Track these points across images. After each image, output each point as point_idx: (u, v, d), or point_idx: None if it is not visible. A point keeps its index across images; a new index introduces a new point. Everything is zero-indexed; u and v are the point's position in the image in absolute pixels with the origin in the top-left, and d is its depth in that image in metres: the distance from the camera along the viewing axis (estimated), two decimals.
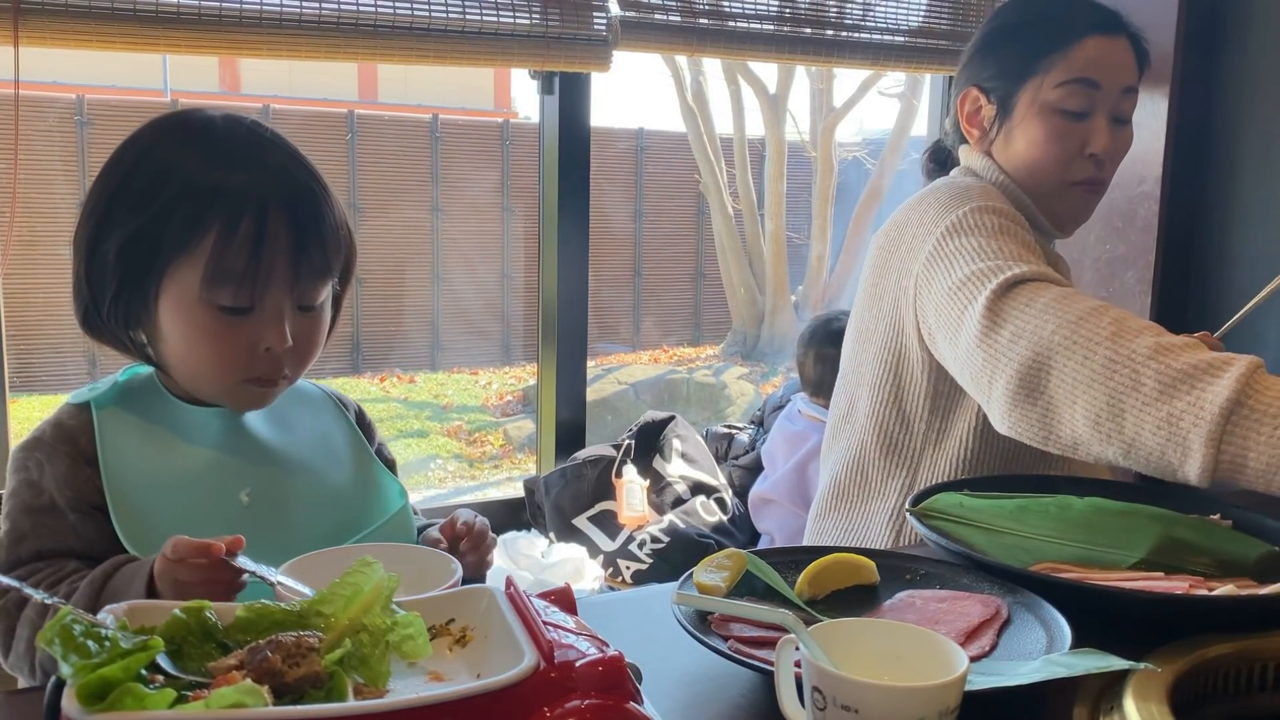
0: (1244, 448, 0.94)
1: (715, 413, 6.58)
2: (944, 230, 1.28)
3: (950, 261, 1.24)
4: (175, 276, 0.97)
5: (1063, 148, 1.41)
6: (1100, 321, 1.05)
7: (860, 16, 2.68)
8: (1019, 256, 1.19)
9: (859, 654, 0.75)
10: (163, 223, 0.96)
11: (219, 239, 0.95)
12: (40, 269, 5.87)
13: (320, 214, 1.01)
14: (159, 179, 0.97)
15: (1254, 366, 0.97)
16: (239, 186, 0.96)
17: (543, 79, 2.45)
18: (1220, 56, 2.58)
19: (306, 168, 1.02)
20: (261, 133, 1.02)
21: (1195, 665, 0.85)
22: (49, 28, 1.86)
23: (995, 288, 1.14)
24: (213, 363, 1.00)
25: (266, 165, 0.99)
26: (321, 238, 1.00)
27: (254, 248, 0.96)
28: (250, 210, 0.95)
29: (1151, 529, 1.09)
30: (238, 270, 0.96)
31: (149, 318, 1.00)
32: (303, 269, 0.99)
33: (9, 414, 2.07)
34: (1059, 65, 1.40)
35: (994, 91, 1.45)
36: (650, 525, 2.64)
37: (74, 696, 0.57)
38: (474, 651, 0.73)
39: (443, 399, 7.09)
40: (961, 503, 1.15)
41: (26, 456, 0.99)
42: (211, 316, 0.98)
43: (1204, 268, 2.65)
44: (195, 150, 0.98)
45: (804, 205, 8.23)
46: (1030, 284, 1.13)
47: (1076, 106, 1.40)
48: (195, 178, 0.96)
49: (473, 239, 7.35)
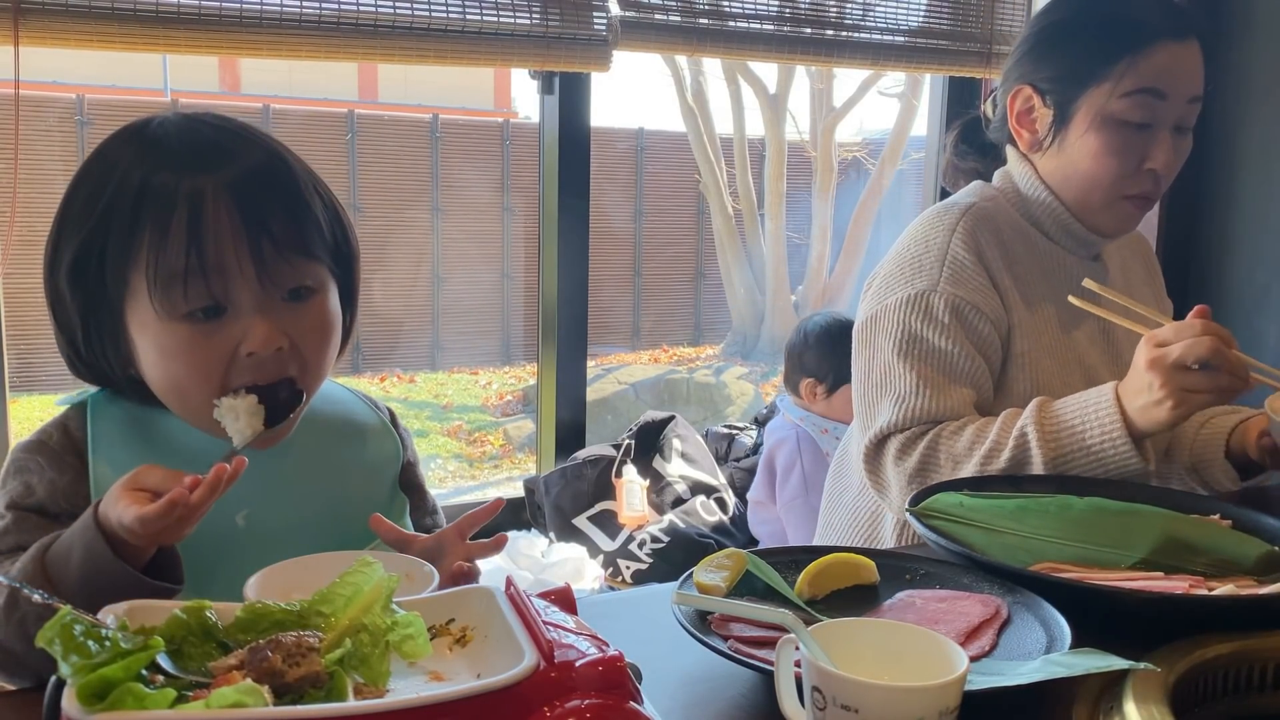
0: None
1: (715, 413, 6.57)
2: (872, 315, 1.37)
3: (861, 355, 1.38)
4: (132, 293, 0.90)
5: (1121, 162, 1.34)
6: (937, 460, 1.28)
7: (860, 16, 2.68)
8: (908, 392, 1.30)
9: (859, 654, 0.75)
10: (101, 235, 0.89)
11: (152, 238, 0.87)
12: (40, 269, 5.86)
13: (280, 189, 0.91)
14: (96, 191, 0.90)
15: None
16: (168, 180, 0.87)
17: (543, 79, 2.45)
18: (1220, 56, 2.58)
19: (264, 148, 0.93)
20: (214, 125, 0.93)
21: (1195, 665, 0.85)
22: (49, 28, 1.86)
23: (869, 442, 1.33)
24: (195, 381, 0.91)
25: (208, 154, 0.90)
26: (286, 214, 0.90)
27: (190, 239, 0.86)
28: (182, 201, 0.87)
29: (1151, 529, 1.09)
30: (178, 268, 0.87)
31: (125, 347, 0.93)
32: (265, 251, 0.89)
33: (9, 414, 2.07)
34: (1128, 73, 1.31)
35: (1051, 94, 1.38)
36: (650, 525, 2.64)
37: (74, 696, 0.57)
38: (474, 651, 0.73)
39: (443, 399, 7.09)
40: (961, 503, 1.15)
41: (29, 459, 0.95)
42: (178, 330, 0.89)
43: (1203, 267, 2.65)
44: (131, 155, 0.91)
45: (804, 205, 8.22)
46: (891, 439, 1.30)
47: (1141, 118, 1.32)
48: (125, 180, 0.89)
49: (473, 239, 7.34)
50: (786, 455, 2.62)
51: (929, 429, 1.29)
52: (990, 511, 1.14)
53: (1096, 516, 1.12)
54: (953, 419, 1.29)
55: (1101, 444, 1.19)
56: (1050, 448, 1.20)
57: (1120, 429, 1.18)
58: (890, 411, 1.31)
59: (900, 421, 1.30)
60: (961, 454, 1.25)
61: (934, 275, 1.34)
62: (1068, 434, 1.20)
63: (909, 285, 1.35)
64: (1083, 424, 1.20)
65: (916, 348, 1.32)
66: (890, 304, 1.36)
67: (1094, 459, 1.20)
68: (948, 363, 1.31)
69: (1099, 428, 1.18)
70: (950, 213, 1.39)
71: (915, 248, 1.38)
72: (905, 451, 1.28)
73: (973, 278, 1.34)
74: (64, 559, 0.84)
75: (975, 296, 1.33)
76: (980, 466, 1.23)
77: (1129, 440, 1.18)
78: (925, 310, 1.32)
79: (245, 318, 0.90)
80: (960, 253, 1.34)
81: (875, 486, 1.34)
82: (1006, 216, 1.42)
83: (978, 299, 1.33)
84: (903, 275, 1.37)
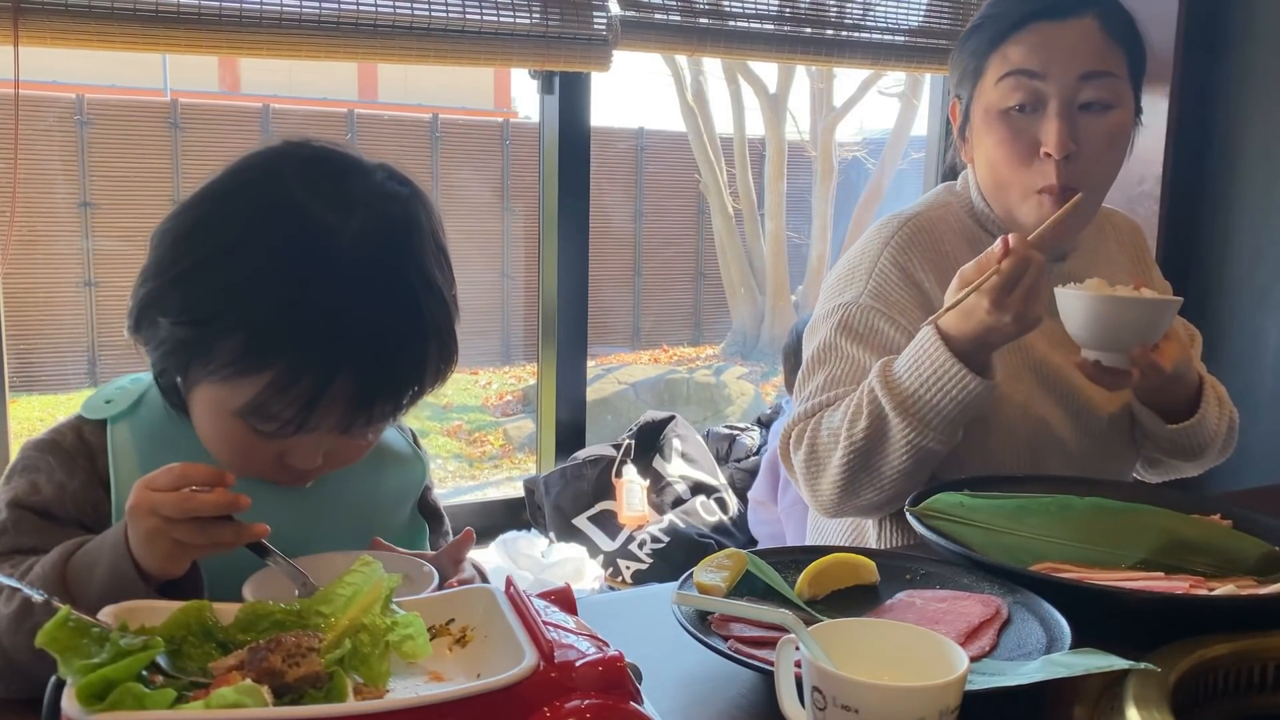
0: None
1: (715, 412, 6.57)
2: (810, 325, 1.42)
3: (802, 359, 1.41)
4: (217, 387, 0.87)
5: (1012, 151, 1.31)
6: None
7: (860, 16, 2.68)
8: (813, 392, 1.34)
9: (859, 654, 0.75)
10: (219, 341, 0.85)
11: (272, 385, 0.84)
12: (40, 269, 5.86)
13: (402, 374, 0.88)
14: (233, 293, 0.84)
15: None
16: (310, 336, 0.83)
17: (543, 79, 2.45)
18: (1220, 56, 2.58)
19: (411, 306, 0.87)
20: (383, 222, 0.87)
21: (1195, 665, 0.85)
22: (49, 27, 1.86)
23: (779, 441, 1.36)
24: (233, 463, 0.90)
25: (358, 302, 0.85)
26: (394, 399, 0.89)
27: (309, 402, 0.85)
28: (314, 370, 0.84)
29: (1151, 529, 1.09)
30: (284, 417, 0.85)
31: (183, 393, 0.92)
32: (358, 422, 0.88)
33: (9, 414, 2.07)
34: (997, 60, 1.31)
35: (961, 100, 1.40)
36: (650, 525, 2.64)
37: (74, 696, 0.57)
38: (474, 651, 0.73)
39: (443, 399, 7.08)
40: (961, 503, 1.15)
41: (39, 457, 0.93)
42: (243, 430, 0.88)
43: (1204, 267, 2.65)
44: (303, 290, 0.84)
45: (804, 205, 8.22)
46: (792, 434, 1.33)
47: (1018, 101, 1.29)
48: (268, 314, 0.84)
49: (473, 239, 7.33)
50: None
51: (815, 417, 1.31)
52: (990, 511, 1.14)
53: (1096, 516, 1.12)
54: None
55: (937, 374, 1.19)
56: (894, 394, 1.21)
57: (948, 356, 1.18)
58: (794, 410, 1.35)
59: (797, 417, 1.33)
60: (836, 425, 1.27)
61: (860, 287, 1.36)
62: (907, 376, 1.21)
63: (839, 296, 1.38)
64: (916, 364, 1.21)
65: (831, 355, 1.35)
66: (820, 315, 1.39)
67: (936, 391, 1.19)
68: (856, 369, 1.32)
69: (930, 362, 1.19)
70: (889, 225, 1.40)
71: (853, 259, 1.41)
72: (799, 441, 1.31)
73: (895, 290, 1.35)
74: (87, 571, 0.83)
75: (894, 309, 1.34)
76: (848, 433, 1.24)
77: (959, 364, 1.17)
78: (845, 322, 1.35)
79: (304, 442, 0.89)
80: (888, 267, 1.36)
81: (795, 484, 1.37)
82: (956, 224, 1.42)
83: (896, 311, 1.34)
84: (838, 285, 1.40)
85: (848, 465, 1.25)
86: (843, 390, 1.31)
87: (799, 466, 1.31)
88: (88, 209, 5.99)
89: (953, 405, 1.19)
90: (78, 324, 6.09)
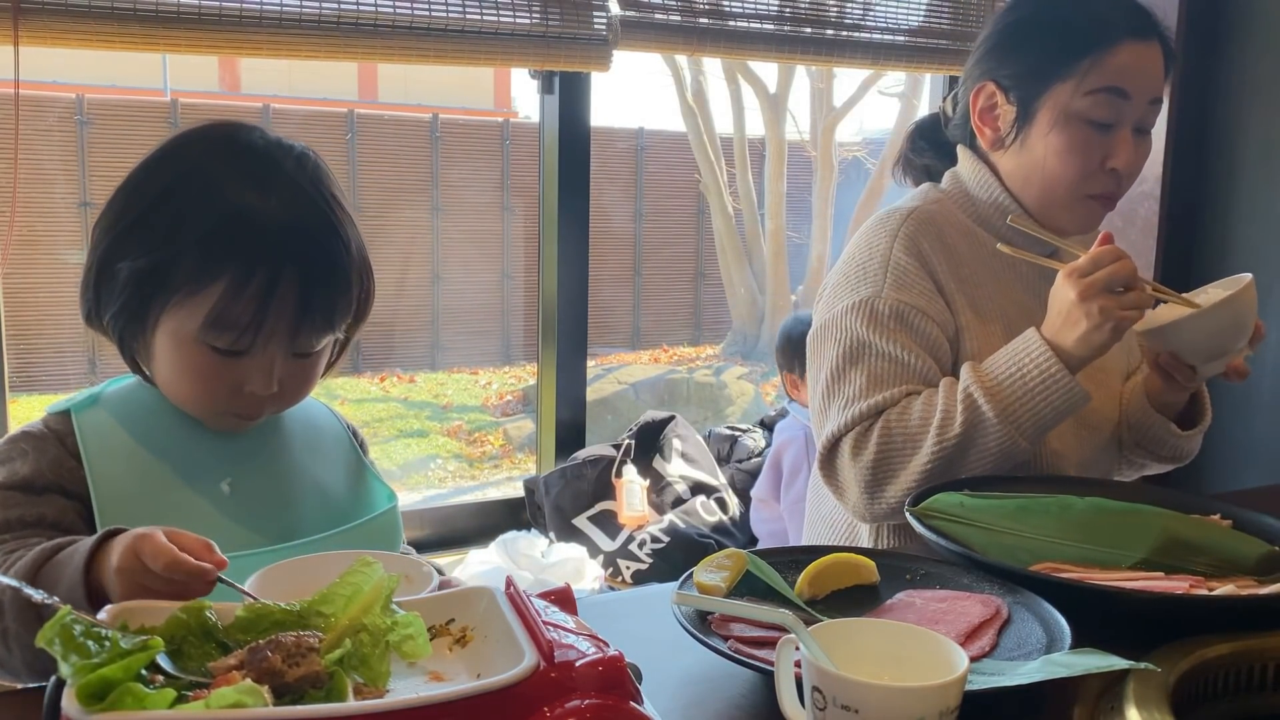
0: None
1: (715, 413, 6.58)
2: (822, 324, 1.38)
3: (814, 364, 1.39)
4: (177, 312, 0.98)
5: (1085, 160, 1.34)
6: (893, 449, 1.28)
7: (860, 16, 2.68)
8: (855, 394, 1.31)
9: (859, 654, 0.75)
10: (177, 262, 0.96)
11: (228, 290, 0.95)
12: (40, 269, 5.86)
13: (336, 274, 1.01)
14: (184, 216, 0.97)
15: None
16: (257, 239, 0.96)
17: (543, 79, 2.45)
18: (1220, 56, 2.58)
19: (343, 239, 1.02)
20: (302, 171, 1.01)
21: (1195, 665, 0.85)
22: (49, 27, 1.86)
23: (821, 450, 1.33)
24: (198, 395, 1.02)
25: (301, 241, 0.98)
26: (331, 299, 1.01)
27: (261, 302, 0.96)
28: (265, 266, 0.95)
29: (1151, 529, 1.09)
30: (241, 322, 0.96)
31: (145, 339, 1.01)
32: (304, 325, 1.00)
33: (9, 414, 2.07)
34: (1092, 71, 1.31)
35: (1014, 91, 1.37)
36: (650, 525, 2.64)
37: (74, 696, 0.57)
38: (474, 651, 0.73)
39: (443, 399, 7.09)
40: (961, 503, 1.15)
41: (12, 446, 1.01)
42: (204, 355, 0.99)
43: (1204, 267, 2.65)
44: (226, 187, 0.98)
45: (804, 205, 8.22)
46: (843, 440, 1.31)
47: (1104, 117, 1.32)
48: (217, 230, 0.96)
49: (473, 239, 7.34)
50: (794, 455, 2.62)
51: (875, 420, 1.29)
52: (990, 511, 1.14)
53: (1096, 516, 1.12)
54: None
55: (1043, 381, 1.21)
56: (996, 399, 1.22)
57: (1057, 363, 1.21)
58: (838, 416, 1.31)
59: (849, 422, 1.30)
60: (916, 430, 1.25)
61: (878, 281, 1.34)
62: (1009, 382, 1.22)
63: (855, 292, 1.36)
64: (1019, 370, 1.22)
65: (865, 353, 1.32)
66: (838, 312, 1.36)
67: (1040, 398, 1.21)
68: (897, 365, 1.31)
69: (1036, 368, 1.22)
70: (893, 218, 1.39)
71: (860, 255, 1.39)
72: (860, 446, 1.29)
73: (916, 282, 1.34)
74: (53, 583, 0.85)
75: (919, 300, 1.33)
76: (938, 437, 1.23)
77: (1067, 371, 1.21)
78: (871, 316, 1.33)
79: (258, 365, 1.00)
80: (902, 258, 1.35)
81: (835, 493, 1.34)
82: (952, 219, 1.41)
83: (922, 302, 1.33)
84: (848, 283, 1.38)
85: (930, 470, 1.24)
86: (894, 391, 1.29)
87: (860, 473, 1.28)
88: (88, 209, 5.99)
89: (1053, 412, 1.22)
90: (78, 324, 6.02)
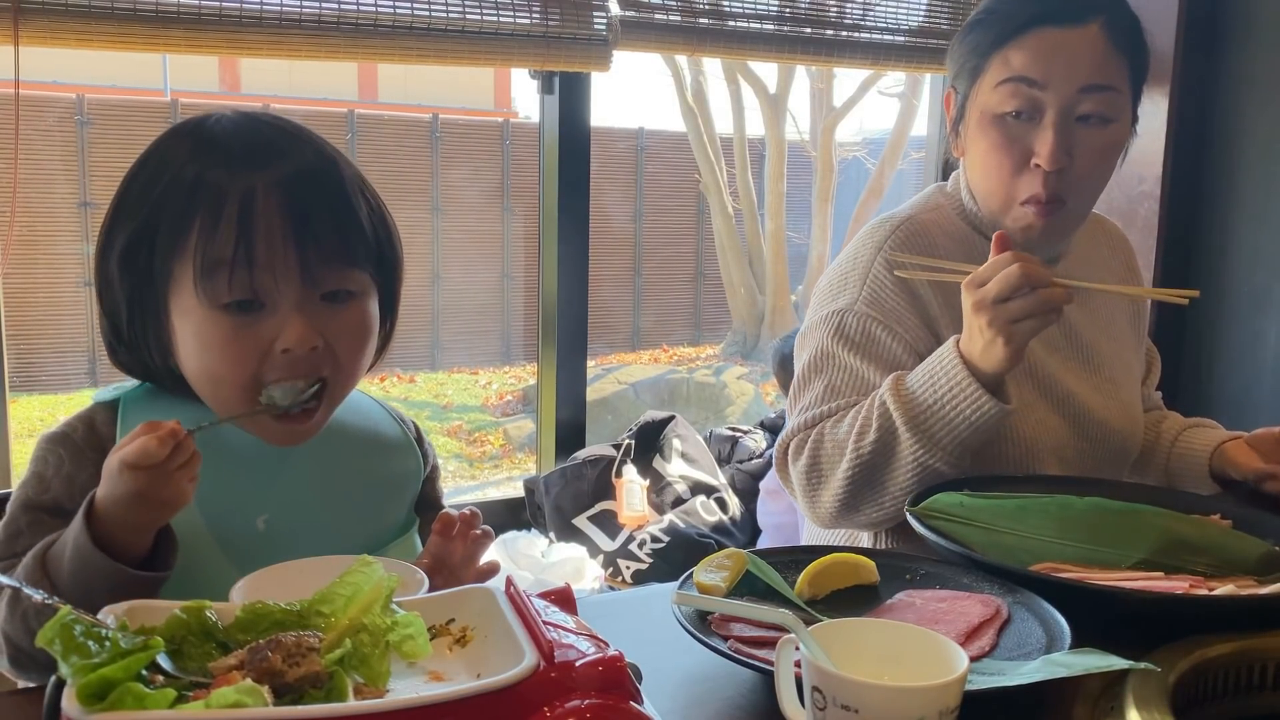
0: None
1: (715, 412, 6.57)
2: (803, 331, 1.39)
3: (795, 366, 1.39)
4: (177, 282, 0.92)
5: (1003, 159, 1.28)
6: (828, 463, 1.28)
7: (860, 16, 2.68)
8: (811, 402, 1.32)
9: (859, 654, 0.75)
10: (154, 223, 0.92)
11: (202, 228, 0.89)
12: (40, 269, 5.87)
13: (330, 194, 0.93)
14: (151, 182, 0.93)
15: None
16: (222, 175, 0.90)
17: (543, 79, 2.45)
18: (1220, 56, 2.58)
19: (316, 149, 0.95)
20: (270, 124, 0.96)
21: (1195, 665, 0.85)
22: (49, 28, 1.86)
23: (776, 452, 1.34)
24: (227, 371, 0.92)
25: (261, 152, 0.92)
26: (333, 219, 0.92)
27: (239, 232, 0.89)
28: (234, 195, 0.89)
29: (1151, 529, 1.09)
30: (225, 257, 0.89)
31: (166, 335, 0.95)
32: (310, 254, 0.91)
33: (9, 414, 2.07)
34: (998, 63, 1.27)
35: (957, 95, 1.37)
36: (650, 525, 2.64)
37: (74, 696, 0.57)
38: (474, 651, 0.73)
39: (443, 399, 7.09)
40: (962, 503, 1.15)
41: (49, 450, 0.96)
42: (218, 320, 0.91)
43: (1204, 267, 2.65)
44: (187, 149, 0.93)
45: (804, 205, 8.22)
46: (791, 443, 1.32)
47: (1014, 108, 1.26)
48: (181, 173, 0.91)
49: (472, 239, 7.34)
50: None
51: (820, 426, 1.29)
52: (990, 511, 1.14)
53: (1096, 516, 1.12)
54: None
55: (952, 392, 1.17)
56: (907, 410, 1.19)
57: (965, 375, 1.16)
58: (792, 420, 1.33)
59: (797, 427, 1.31)
60: (843, 438, 1.25)
61: (854, 294, 1.34)
62: (921, 392, 1.20)
63: (833, 301, 1.36)
64: (931, 380, 1.19)
65: (828, 365, 1.33)
66: (814, 321, 1.37)
67: (951, 410, 1.18)
68: (855, 379, 1.31)
69: (946, 379, 1.18)
70: (882, 228, 1.38)
71: (846, 263, 1.38)
72: (799, 451, 1.29)
73: (890, 297, 1.32)
74: (59, 557, 0.86)
75: (889, 317, 1.31)
76: (855, 446, 1.23)
77: (976, 384, 1.16)
78: (839, 329, 1.33)
79: (283, 315, 0.91)
80: (881, 272, 1.33)
81: (790, 493, 1.35)
82: (948, 226, 1.39)
83: (892, 319, 1.31)
84: (831, 290, 1.38)
85: (851, 480, 1.23)
86: (844, 401, 1.30)
87: (797, 478, 1.30)
88: (88, 209, 5.99)
89: (966, 426, 1.18)
90: (78, 324, 6.09)
